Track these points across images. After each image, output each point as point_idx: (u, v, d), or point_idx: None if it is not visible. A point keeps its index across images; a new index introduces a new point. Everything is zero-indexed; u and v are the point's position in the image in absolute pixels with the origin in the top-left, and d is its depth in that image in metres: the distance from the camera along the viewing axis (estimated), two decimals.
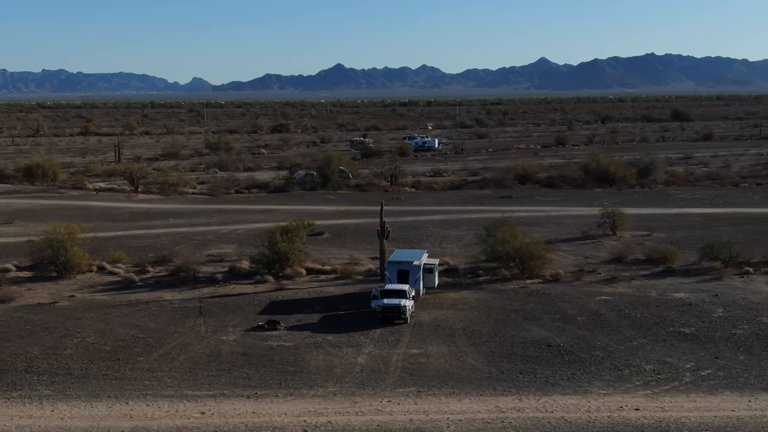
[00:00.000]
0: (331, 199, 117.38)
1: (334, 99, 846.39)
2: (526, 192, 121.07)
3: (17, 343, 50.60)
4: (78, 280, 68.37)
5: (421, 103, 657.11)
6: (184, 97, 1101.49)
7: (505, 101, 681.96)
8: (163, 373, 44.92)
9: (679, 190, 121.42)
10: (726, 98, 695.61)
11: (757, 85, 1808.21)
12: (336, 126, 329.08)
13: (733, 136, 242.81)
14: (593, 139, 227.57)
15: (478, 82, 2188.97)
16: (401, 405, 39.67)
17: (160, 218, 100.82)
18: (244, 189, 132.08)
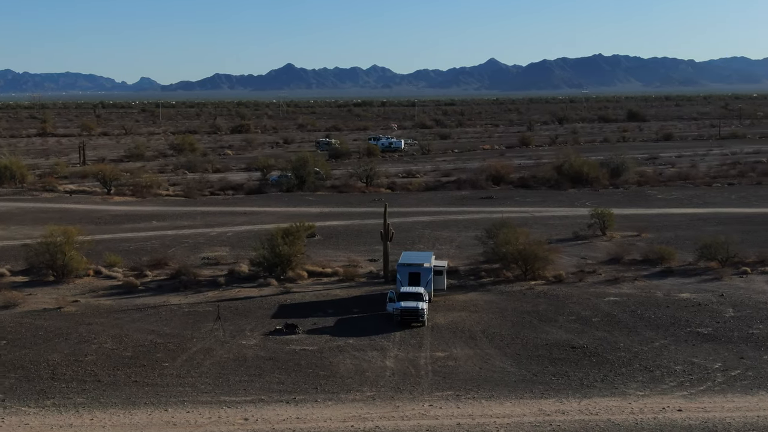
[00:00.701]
0: (310, 201, 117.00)
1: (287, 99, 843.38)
2: (505, 193, 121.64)
3: (34, 350, 49.77)
4: (77, 284, 67.45)
5: (376, 104, 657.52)
6: (132, 97, 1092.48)
7: (458, 102, 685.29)
8: (193, 378, 44.44)
9: (654, 191, 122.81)
10: (675, 98, 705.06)
11: (702, 85, 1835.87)
12: (296, 126, 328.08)
13: (692, 136, 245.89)
14: (556, 140, 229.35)
15: (429, 82, 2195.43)
16: (443, 409, 39.65)
17: (143, 221, 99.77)
18: (219, 190, 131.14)
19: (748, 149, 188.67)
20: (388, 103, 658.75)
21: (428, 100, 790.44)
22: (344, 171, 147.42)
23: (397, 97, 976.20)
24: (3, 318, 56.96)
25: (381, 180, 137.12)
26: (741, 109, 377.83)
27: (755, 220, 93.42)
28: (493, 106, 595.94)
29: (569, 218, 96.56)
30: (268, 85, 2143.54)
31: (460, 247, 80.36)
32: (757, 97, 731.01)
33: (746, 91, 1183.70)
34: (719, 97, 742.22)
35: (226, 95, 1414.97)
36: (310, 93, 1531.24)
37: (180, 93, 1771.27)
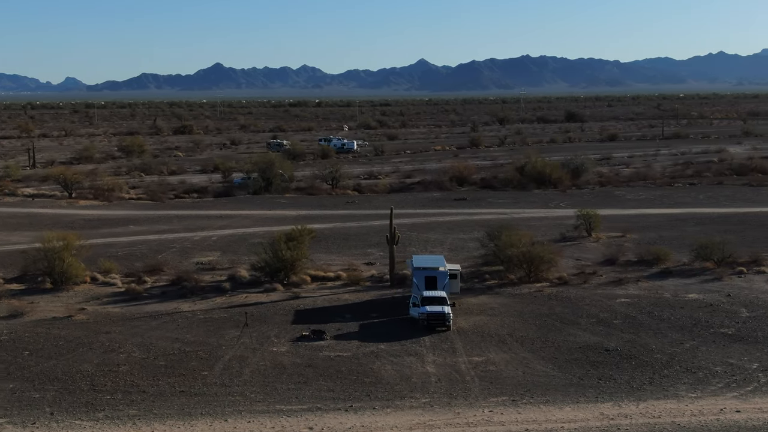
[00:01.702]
0: (283, 204, 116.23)
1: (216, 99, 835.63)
2: (476, 194, 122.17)
3: (61, 360, 48.65)
4: (77, 291, 66.15)
5: (311, 104, 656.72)
6: (58, 98, 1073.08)
7: (393, 102, 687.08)
8: (240, 387, 43.85)
9: (621, 191, 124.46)
10: (605, 99, 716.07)
11: (628, 85, 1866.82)
12: (238, 127, 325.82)
13: (635, 136, 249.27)
14: (505, 141, 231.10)
15: (360, 82, 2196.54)
16: (505, 415, 39.71)
17: (119, 225, 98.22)
18: (183, 193, 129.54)
19: (697, 149, 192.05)
20: (324, 104, 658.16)
21: (363, 101, 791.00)
22: (307, 173, 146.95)
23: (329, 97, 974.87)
24: (15, 328, 55.58)
25: (346, 182, 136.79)
26: (677, 109, 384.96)
27: (731, 220, 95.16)
28: (429, 106, 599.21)
29: (549, 219, 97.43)
30: (196, 84, 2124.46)
31: (453, 250, 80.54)
32: (684, 96, 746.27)
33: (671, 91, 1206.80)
34: (647, 97, 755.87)
35: (154, 95, 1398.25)
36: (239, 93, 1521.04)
37: (106, 93, 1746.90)
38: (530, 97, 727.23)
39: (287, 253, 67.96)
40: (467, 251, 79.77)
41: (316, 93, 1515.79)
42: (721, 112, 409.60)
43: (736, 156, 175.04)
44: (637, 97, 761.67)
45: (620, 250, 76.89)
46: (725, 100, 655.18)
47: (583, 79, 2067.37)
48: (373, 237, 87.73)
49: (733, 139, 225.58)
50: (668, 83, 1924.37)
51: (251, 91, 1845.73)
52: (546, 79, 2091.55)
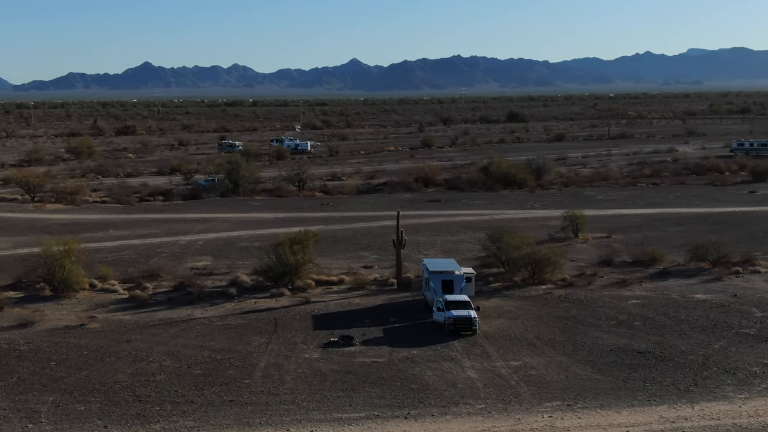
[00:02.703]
0: (256, 206, 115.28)
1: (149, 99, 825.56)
2: (449, 195, 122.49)
3: (92, 371, 47.60)
4: (80, 299, 64.87)
5: (246, 104, 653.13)
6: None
7: (329, 102, 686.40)
8: (288, 395, 43.34)
9: (590, 191, 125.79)
10: (539, 99, 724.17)
11: (557, 85, 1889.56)
12: (180, 127, 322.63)
13: (582, 136, 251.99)
14: (456, 141, 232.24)
15: (292, 82, 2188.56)
16: (566, 420, 39.81)
17: (98, 229, 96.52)
18: (149, 196, 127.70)
19: (648, 149, 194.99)
20: (260, 103, 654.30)
21: (298, 100, 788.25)
22: (272, 174, 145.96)
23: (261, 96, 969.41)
24: (30, 337, 54.28)
25: (313, 183, 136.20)
26: (617, 109, 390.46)
27: (708, 220, 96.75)
28: (366, 106, 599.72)
29: (530, 220, 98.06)
30: (125, 84, 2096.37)
31: (446, 252, 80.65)
32: (615, 96, 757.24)
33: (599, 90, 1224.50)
34: (579, 97, 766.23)
35: (82, 95, 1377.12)
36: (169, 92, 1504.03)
37: (33, 93, 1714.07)
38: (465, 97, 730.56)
39: (292, 257, 67.32)
40: (460, 253, 79.90)
41: (247, 92, 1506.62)
42: (657, 112, 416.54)
43: (687, 156, 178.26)
44: (569, 97, 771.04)
45: (615, 251, 77.76)
46: (656, 99, 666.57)
47: (513, 79, 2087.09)
48: (362, 240, 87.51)
49: (678, 138, 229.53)
50: (596, 83, 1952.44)
51: (181, 90, 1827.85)
52: (477, 79, 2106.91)
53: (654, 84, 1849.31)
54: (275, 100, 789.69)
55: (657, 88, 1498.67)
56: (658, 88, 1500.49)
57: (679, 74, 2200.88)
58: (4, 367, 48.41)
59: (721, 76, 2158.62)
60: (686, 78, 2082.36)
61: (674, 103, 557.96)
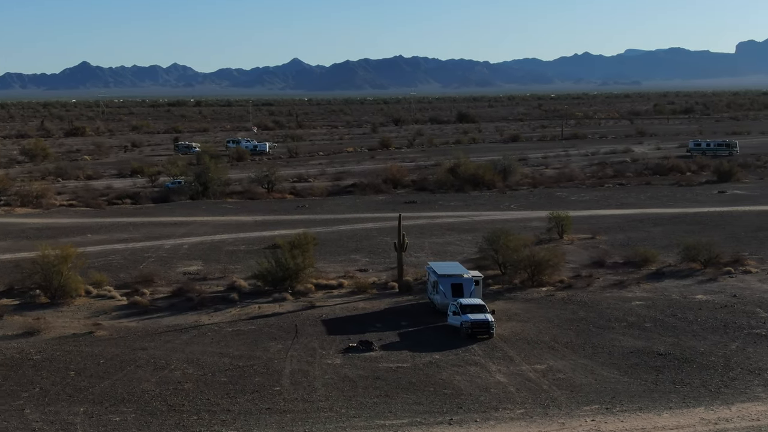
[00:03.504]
0: (231, 209, 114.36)
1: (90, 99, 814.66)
2: (425, 197, 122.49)
3: (116, 380, 46.78)
4: (79, 306, 63.82)
5: (189, 104, 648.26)
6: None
7: (275, 102, 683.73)
8: (323, 403, 42.98)
9: (562, 192, 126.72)
10: (481, 99, 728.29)
11: (498, 86, 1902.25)
12: (129, 128, 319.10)
13: (536, 137, 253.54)
14: (414, 142, 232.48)
15: (233, 81, 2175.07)
16: (610, 424, 40.04)
17: (75, 234, 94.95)
18: (117, 199, 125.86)
19: (605, 149, 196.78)
20: (203, 103, 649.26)
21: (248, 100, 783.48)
22: (238, 176, 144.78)
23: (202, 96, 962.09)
24: (40, 346, 53.26)
25: (282, 185, 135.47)
26: (565, 110, 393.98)
27: (686, 220, 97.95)
28: (312, 106, 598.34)
29: (511, 222, 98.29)
30: (63, 84, 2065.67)
31: (437, 254, 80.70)
32: (556, 97, 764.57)
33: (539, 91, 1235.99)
34: (522, 97, 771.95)
35: (19, 95, 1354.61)
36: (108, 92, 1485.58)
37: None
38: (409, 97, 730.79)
39: (291, 261, 66.84)
40: (451, 255, 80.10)
41: (188, 92, 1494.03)
42: (603, 112, 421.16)
43: (644, 156, 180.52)
44: (513, 97, 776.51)
45: (606, 253, 78.36)
46: (598, 99, 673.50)
47: (454, 80, 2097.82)
48: (349, 243, 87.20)
49: (631, 139, 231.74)
50: (536, 83, 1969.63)
51: (120, 90, 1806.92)
52: (419, 79, 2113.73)
53: (593, 84, 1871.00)
54: (218, 100, 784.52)
55: (596, 88, 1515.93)
56: (597, 88, 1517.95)
57: (618, 74, 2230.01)
58: (22, 377, 47.38)
59: (658, 76, 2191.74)
60: (624, 78, 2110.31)
61: (616, 103, 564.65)
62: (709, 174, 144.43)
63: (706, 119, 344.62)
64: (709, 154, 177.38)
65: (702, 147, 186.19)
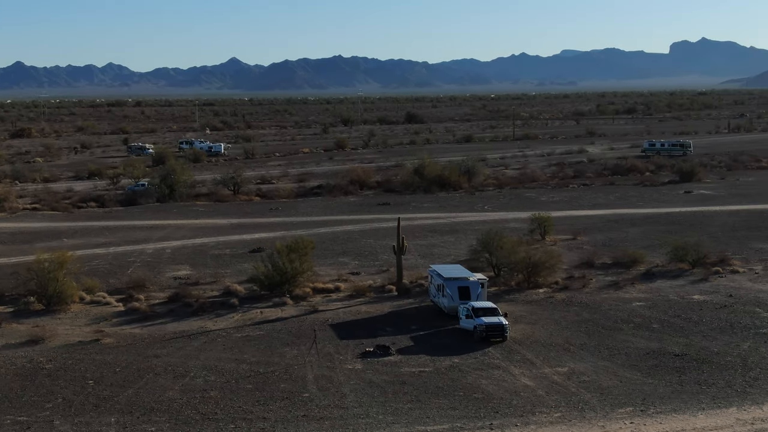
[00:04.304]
0: (203, 212, 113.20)
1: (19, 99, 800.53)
2: (398, 199, 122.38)
3: (138, 389, 45.98)
4: (77, 312, 62.75)
5: (129, 104, 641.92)
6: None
7: (216, 102, 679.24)
8: (358, 409, 42.67)
9: (531, 193, 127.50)
10: (424, 99, 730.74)
11: (437, 86, 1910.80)
12: (75, 129, 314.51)
13: (488, 137, 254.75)
14: (369, 143, 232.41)
15: (170, 81, 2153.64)
16: (650, 426, 40.30)
17: (50, 239, 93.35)
18: (81, 202, 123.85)
19: (560, 150, 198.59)
20: (144, 103, 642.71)
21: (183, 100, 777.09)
22: (200, 178, 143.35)
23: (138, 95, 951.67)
24: (49, 355, 52.21)
25: (249, 187, 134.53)
26: (512, 110, 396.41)
27: (661, 220, 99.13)
28: (255, 106, 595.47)
29: (489, 223, 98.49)
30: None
31: (424, 257, 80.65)
32: (496, 97, 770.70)
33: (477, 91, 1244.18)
34: (464, 98, 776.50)
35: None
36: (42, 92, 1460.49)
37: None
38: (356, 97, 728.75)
39: (289, 265, 66.33)
40: (439, 257, 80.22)
41: (124, 92, 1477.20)
42: (548, 113, 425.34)
43: (600, 156, 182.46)
44: (454, 98, 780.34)
45: (594, 254, 78.96)
46: (538, 99, 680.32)
47: (394, 80, 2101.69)
48: (334, 245, 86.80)
49: (582, 139, 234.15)
50: (474, 84, 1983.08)
51: (55, 90, 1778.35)
52: (358, 79, 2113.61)
53: (530, 84, 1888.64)
54: (158, 100, 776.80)
55: (533, 88, 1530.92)
56: (534, 88, 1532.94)
57: (554, 75, 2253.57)
58: (40, 387, 46.36)
59: (593, 76, 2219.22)
60: (561, 79, 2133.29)
61: (556, 104, 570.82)
62: (669, 174, 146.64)
63: (649, 119, 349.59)
64: (663, 154, 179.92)
65: (657, 147, 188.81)
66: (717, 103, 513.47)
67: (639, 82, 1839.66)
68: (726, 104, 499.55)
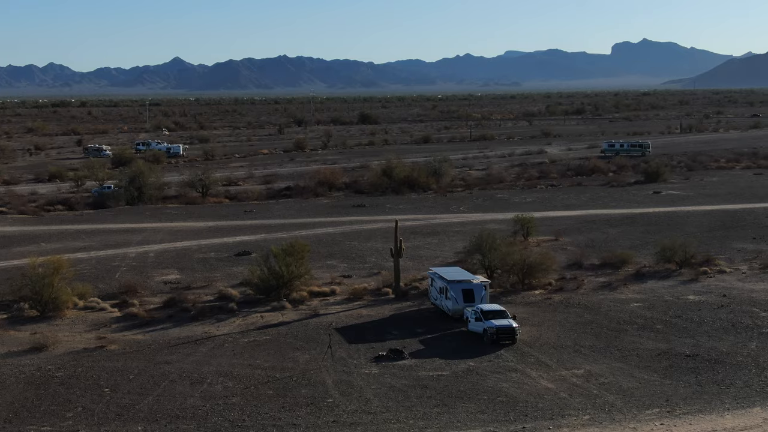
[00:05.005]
0: (177, 215, 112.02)
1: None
2: (373, 200, 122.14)
3: (158, 396, 45.32)
4: (73, 318, 61.79)
5: (75, 104, 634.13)
6: None
7: (163, 102, 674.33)
8: (386, 414, 42.47)
9: (503, 194, 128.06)
10: (371, 99, 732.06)
11: (382, 86, 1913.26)
12: (25, 130, 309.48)
13: (445, 138, 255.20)
14: (328, 144, 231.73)
15: (112, 81, 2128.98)
16: (681, 427, 40.61)
17: (26, 243, 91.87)
18: (49, 206, 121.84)
19: (519, 150, 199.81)
20: (88, 104, 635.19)
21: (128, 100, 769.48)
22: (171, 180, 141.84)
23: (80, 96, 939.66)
24: (56, 362, 51.27)
25: (218, 189, 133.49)
26: (465, 111, 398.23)
27: (638, 221, 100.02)
28: (203, 106, 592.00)
29: (467, 225, 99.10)
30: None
31: (412, 259, 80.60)
32: (443, 98, 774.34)
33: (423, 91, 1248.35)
34: (412, 98, 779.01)
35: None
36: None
37: None
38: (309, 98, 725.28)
39: (285, 268, 65.89)
40: (426, 259, 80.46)
41: (65, 92, 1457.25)
42: (499, 113, 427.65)
43: (560, 157, 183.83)
44: (402, 98, 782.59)
45: (582, 254, 79.46)
46: (485, 100, 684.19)
47: (339, 80, 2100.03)
48: (319, 248, 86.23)
49: (538, 140, 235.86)
50: (420, 84, 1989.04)
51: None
52: (303, 79, 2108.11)
53: (475, 85, 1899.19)
54: (103, 100, 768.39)
55: (478, 89, 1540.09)
56: (479, 89, 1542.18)
57: (498, 75, 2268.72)
58: (56, 396, 45.49)
59: (537, 77, 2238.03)
60: (505, 79, 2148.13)
61: (503, 104, 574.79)
62: (633, 174, 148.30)
63: (599, 120, 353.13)
64: (623, 155, 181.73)
65: (616, 148, 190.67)
66: (662, 103, 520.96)
67: (581, 82, 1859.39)
68: (671, 104, 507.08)
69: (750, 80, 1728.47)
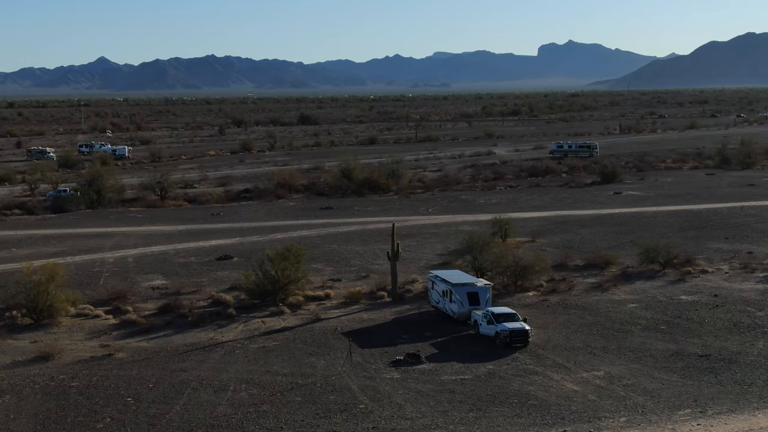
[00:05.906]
0: (141, 218, 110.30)
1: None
2: (339, 203, 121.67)
3: (183, 405, 44.55)
4: (70, 326, 60.60)
5: (3, 104, 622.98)
6: None
7: (92, 103, 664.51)
8: (424, 419, 42.27)
9: (466, 195, 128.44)
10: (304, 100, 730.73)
11: (312, 86, 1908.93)
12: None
13: (391, 139, 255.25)
14: (275, 145, 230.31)
15: (36, 81, 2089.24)
16: (718, 427, 41.10)
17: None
18: (6, 210, 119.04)
19: (468, 152, 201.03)
20: (17, 105, 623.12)
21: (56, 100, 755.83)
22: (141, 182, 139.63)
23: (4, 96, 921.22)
24: (69, 372, 50.13)
25: (176, 191, 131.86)
26: (405, 112, 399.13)
27: (607, 221, 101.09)
28: (133, 107, 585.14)
29: (441, 227, 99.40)
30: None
31: (399, 261, 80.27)
32: (376, 99, 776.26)
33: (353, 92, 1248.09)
34: (345, 99, 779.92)
35: None
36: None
37: None
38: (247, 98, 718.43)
39: (281, 273, 65.31)
40: (410, 261, 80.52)
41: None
42: (436, 114, 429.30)
43: (510, 158, 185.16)
44: (335, 98, 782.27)
45: (567, 256, 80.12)
46: (418, 101, 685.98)
47: (268, 80, 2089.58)
48: None
49: (483, 141, 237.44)
50: (350, 85, 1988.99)
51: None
52: (232, 79, 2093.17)
53: (405, 86, 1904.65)
54: (30, 101, 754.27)
55: (408, 89, 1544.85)
56: (409, 89, 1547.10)
57: (428, 77, 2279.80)
58: (80, 407, 44.46)
59: (465, 78, 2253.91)
60: (434, 80, 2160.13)
61: (437, 105, 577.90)
62: (586, 175, 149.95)
63: (536, 121, 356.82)
64: (571, 156, 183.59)
65: (564, 149, 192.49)
66: (594, 104, 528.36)
67: (509, 83, 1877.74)
68: (602, 105, 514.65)
69: (674, 81, 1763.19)
